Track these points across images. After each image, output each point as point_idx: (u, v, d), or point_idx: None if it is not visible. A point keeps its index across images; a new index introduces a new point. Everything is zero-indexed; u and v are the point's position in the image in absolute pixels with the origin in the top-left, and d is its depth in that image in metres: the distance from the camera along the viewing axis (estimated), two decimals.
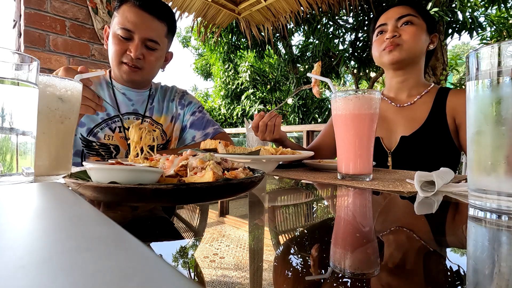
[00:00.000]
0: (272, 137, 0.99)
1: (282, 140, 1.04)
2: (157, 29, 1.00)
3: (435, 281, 0.19)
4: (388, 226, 0.32)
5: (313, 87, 0.91)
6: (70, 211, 0.22)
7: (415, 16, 0.98)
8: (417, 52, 0.99)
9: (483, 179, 0.34)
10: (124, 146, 1.06)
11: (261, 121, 0.98)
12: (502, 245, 0.25)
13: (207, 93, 14.92)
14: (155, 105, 1.16)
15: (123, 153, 1.07)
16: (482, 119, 0.34)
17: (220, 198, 0.44)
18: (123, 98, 1.10)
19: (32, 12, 1.75)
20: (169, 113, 1.18)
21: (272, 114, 0.99)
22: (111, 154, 1.05)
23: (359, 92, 0.61)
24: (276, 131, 0.99)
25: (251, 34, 3.71)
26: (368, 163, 0.62)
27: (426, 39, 1.00)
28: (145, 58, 1.01)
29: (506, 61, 0.31)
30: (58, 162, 0.55)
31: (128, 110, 1.09)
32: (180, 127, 1.20)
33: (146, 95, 1.15)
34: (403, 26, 0.99)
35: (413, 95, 1.05)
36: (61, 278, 0.10)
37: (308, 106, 7.14)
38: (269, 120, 0.98)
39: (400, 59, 0.99)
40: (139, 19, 0.96)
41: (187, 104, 1.21)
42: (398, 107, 1.06)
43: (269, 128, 0.98)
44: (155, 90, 1.19)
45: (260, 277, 0.20)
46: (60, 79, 0.54)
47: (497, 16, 4.12)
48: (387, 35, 1.00)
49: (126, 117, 1.08)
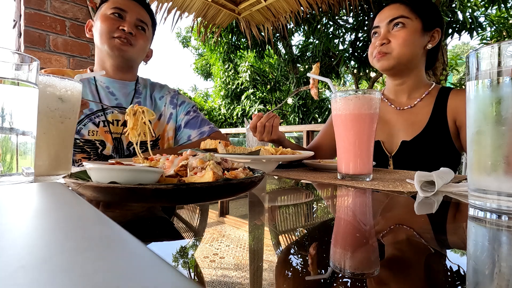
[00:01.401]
0: (270, 138, 0.99)
1: (280, 141, 1.03)
2: (145, 15, 1.08)
3: (435, 281, 0.19)
4: (388, 226, 0.32)
5: (311, 89, 0.91)
6: (70, 211, 0.22)
7: (408, 17, 0.94)
8: (409, 57, 0.95)
9: (483, 179, 0.34)
10: (110, 141, 1.05)
11: (259, 122, 0.97)
12: (502, 245, 0.25)
13: (207, 93, 14.92)
14: (142, 100, 1.14)
15: (109, 148, 1.04)
16: (482, 119, 0.34)
17: (220, 198, 0.44)
18: (105, 93, 1.08)
19: (32, 12, 1.75)
20: (156, 110, 1.17)
21: (270, 115, 0.98)
22: (97, 150, 1.03)
23: (359, 92, 0.61)
24: (274, 132, 0.98)
25: (251, 34, 3.71)
26: (368, 163, 0.62)
27: (421, 40, 0.96)
28: (136, 36, 1.04)
29: (506, 61, 0.31)
30: (58, 162, 0.55)
31: (111, 104, 1.08)
32: (173, 127, 1.19)
33: (131, 88, 1.13)
34: (395, 29, 0.95)
35: (413, 97, 1.03)
36: (61, 278, 0.10)
37: (308, 106, 7.15)
38: (267, 121, 0.97)
39: (390, 67, 0.97)
40: (130, 3, 1.05)
41: (180, 104, 1.20)
42: (398, 110, 1.04)
43: (267, 129, 0.97)
44: (143, 85, 1.18)
45: (260, 277, 0.20)
46: (60, 79, 0.54)
47: (497, 16, 4.12)
48: (377, 42, 0.98)
49: (110, 110, 1.06)
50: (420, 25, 0.95)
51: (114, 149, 1.06)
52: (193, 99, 11.06)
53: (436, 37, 0.98)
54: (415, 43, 0.95)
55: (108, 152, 1.05)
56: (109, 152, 1.05)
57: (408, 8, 0.95)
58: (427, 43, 0.98)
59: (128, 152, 1.09)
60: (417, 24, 0.95)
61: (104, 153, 1.04)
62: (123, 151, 1.08)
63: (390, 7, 0.98)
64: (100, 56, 1.08)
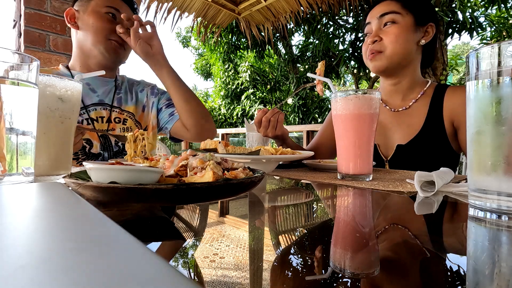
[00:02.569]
0: (274, 133, 0.98)
1: (283, 138, 1.02)
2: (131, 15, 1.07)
3: (435, 281, 0.19)
4: (388, 226, 0.32)
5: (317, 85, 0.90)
6: (70, 211, 0.22)
7: (399, 13, 0.91)
8: (403, 55, 0.92)
9: (483, 179, 0.34)
10: (97, 138, 1.04)
11: (264, 117, 0.97)
12: (502, 245, 0.25)
13: (207, 93, 14.92)
14: (122, 95, 1.15)
15: (97, 146, 1.04)
16: (482, 119, 0.34)
17: (220, 198, 0.44)
18: (86, 90, 1.07)
19: (32, 12, 1.75)
20: (139, 103, 1.18)
21: (275, 110, 0.98)
22: (85, 149, 1.02)
23: (359, 92, 0.61)
24: (278, 127, 0.98)
25: (251, 34, 3.71)
26: (368, 163, 0.62)
27: (414, 36, 0.92)
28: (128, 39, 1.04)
29: (506, 61, 0.31)
30: (58, 162, 0.55)
31: (93, 101, 1.07)
32: (156, 113, 1.20)
33: (111, 84, 1.13)
34: (386, 26, 0.93)
35: (408, 98, 0.99)
36: (61, 278, 0.10)
37: (308, 106, 7.15)
38: (272, 116, 0.97)
39: (383, 67, 0.94)
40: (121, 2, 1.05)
41: (161, 93, 1.22)
42: (393, 112, 1.00)
43: (271, 123, 0.97)
44: (121, 81, 1.19)
45: (260, 277, 0.20)
46: (60, 79, 0.54)
47: (497, 16, 4.13)
48: (368, 40, 0.95)
49: (93, 108, 1.06)
50: (412, 20, 0.92)
51: (101, 146, 1.05)
52: None
53: (430, 32, 0.95)
54: (408, 39, 0.92)
55: (96, 150, 1.04)
56: (97, 150, 1.04)
57: (399, 4, 0.93)
58: (420, 38, 0.94)
59: (117, 148, 1.09)
60: (408, 20, 0.92)
61: (92, 152, 1.03)
62: (112, 147, 1.08)
63: (381, 4, 0.96)
64: (85, 52, 1.05)
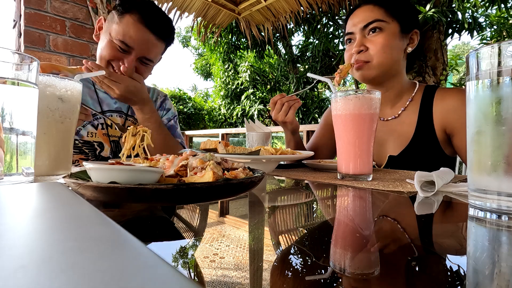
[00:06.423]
0: (284, 118, 0.98)
1: (293, 129, 1.03)
2: (156, 48, 1.00)
3: (435, 281, 0.19)
4: (388, 226, 0.32)
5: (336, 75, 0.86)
6: (70, 211, 0.22)
7: (383, 21, 0.86)
8: (390, 64, 0.88)
9: (483, 179, 0.34)
10: (108, 142, 1.06)
11: (280, 99, 0.98)
12: (502, 245, 0.25)
13: (207, 93, 14.92)
14: None
15: (107, 150, 1.07)
16: (482, 119, 0.34)
17: (220, 198, 0.44)
18: (105, 96, 1.09)
19: (32, 12, 1.75)
20: None
21: (293, 97, 0.98)
22: (95, 151, 1.05)
23: (359, 92, 0.61)
24: (290, 113, 0.98)
25: (251, 34, 3.71)
26: (368, 163, 0.62)
27: (400, 43, 0.89)
28: (137, 70, 1.00)
29: (506, 61, 0.31)
30: (58, 162, 0.55)
31: (110, 108, 1.09)
32: None
33: None
34: (371, 34, 0.87)
35: (397, 106, 0.96)
36: (61, 278, 0.10)
37: (308, 106, 7.15)
38: (287, 101, 0.97)
39: (371, 77, 0.90)
40: (141, 38, 0.94)
41: (166, 109, 1.24)
42: (383, 121, 0.97)
43: (285, 107, 0.97)
44: None
45: (260, 277, 0.20)
46: (60, 79, 0.54)
47: (497, 16, 4.12)
48: (353, 49, 0.89)
49: (109, 114, 1.08)
50: (397, 28, 0.87)
51: (112, 151, 1.08)
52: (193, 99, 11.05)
53: (414, 39, 0.92)
54: (395, 48, 0.88)
55: (106, 154, 1.07)
56: (107, 154, 1.07)
57: (382, 10, 0.87)
58: (406, 46, 0.91)
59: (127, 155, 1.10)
60: (394, 27, 0.87)
61: (102, 155, 1.06)
62: None
63: (364, 8, 0.90)
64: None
